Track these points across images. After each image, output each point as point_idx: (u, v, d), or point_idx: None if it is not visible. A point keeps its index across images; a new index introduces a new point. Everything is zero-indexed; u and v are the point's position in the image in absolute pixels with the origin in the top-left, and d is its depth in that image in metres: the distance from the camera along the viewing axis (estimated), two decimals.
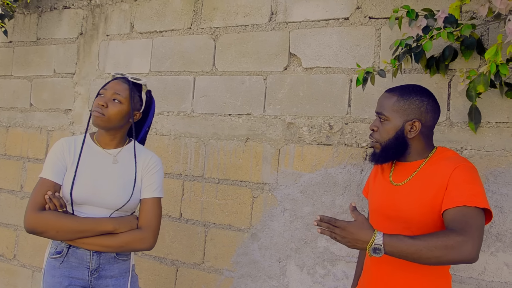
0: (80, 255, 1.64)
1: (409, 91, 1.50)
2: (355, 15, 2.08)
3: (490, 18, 1.74)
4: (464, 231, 1.24)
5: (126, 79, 1.73)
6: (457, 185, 1.35)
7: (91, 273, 1.64)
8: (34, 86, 3.03)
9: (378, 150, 1.53)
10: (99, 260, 1.65)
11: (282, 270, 2.15)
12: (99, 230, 1.59)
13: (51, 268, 1.64)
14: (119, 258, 1.70)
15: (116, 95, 1.66)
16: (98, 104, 1.64)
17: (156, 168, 1.75)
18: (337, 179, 2.06)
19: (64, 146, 1.68)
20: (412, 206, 1.44)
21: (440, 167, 1.43)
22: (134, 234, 1.63)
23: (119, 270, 1.69)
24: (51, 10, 3.00)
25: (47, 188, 1.60)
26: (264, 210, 2.22)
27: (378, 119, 1.53)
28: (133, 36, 2.68)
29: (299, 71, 2.19)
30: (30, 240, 2.93)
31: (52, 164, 1.65)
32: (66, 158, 1.66)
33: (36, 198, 1.59)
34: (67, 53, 2.91)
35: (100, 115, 1.64)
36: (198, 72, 2.45)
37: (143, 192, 1.71)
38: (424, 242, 1.23)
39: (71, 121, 2.85)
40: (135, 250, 1.67)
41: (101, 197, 1.64)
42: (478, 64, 1.81)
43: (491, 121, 1.80)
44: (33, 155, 2.98)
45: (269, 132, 2.24)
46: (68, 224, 1.57)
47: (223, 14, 2.41)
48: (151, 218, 1.66)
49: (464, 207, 1.31)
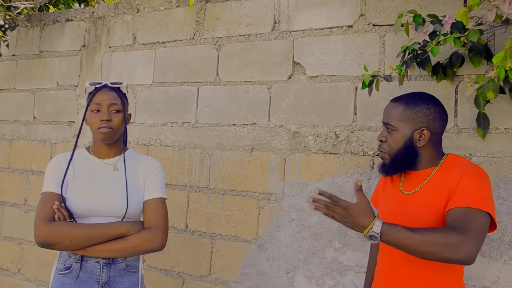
0: (90, 269, 1.61)
1: (415, 99, 1.47)
2: (359, 23, 2.07)
3: (497, 23, 1.72)
4: (464, 231, 1.22)
5: (109, 86, 1.71)
6: (463, 188, 1.34)
7: (101, 286, 1.62)
8: (37, 99, 3.02)
9: (388, 161, 1.50)
10: (109, 272, 1.63)
11: (290, 281, 2.12)
12: (112, 234, 1.57)
13: (59, 285, 1.61)
14: (129, 270, 1.68)
15: (113, 106, 1.66)
16: (103, 120, 1.63)
17: (157, 170, 1.74)
18: (344, 188, 2.04)
19: (61, 161, 1.68)
20: (424, 214, 1.41)
21: (450, 174, 1.40)
22: (143, 235, 1.60)
23: (129, 282, 1.67)
24: (54, 23, 3.00)
25: (52, 199, 1.58)
26: (270, 221, 2.19)
27: (385, 130, 1.51)
28: (136, 48, 2.67)
29: (303, 79, 2.17)
30: (35, 253, 2.91)
31: (53, 178, 1.63)
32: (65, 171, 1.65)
33: (43, 211, 1.56)
34: (70, 65, 2.91)
35: (109, 130, 1.64)
36: (202, 82, 2.44)
37: (147, 193, 1.69)
38: (422, 236, 1.21)
39: (74, 133, 2.84)
40: (146, 252, 1.63)
41: (106, 206, 1.63)
42: (484, 69, 1.79)
43: (500, 127, 1.77)
44: (37, 168, 2.96)
45: (274, 142, 2.22)
46: (81, 232, 1.54)
47: (226, 24, 2.40)
48: (158, 217, 1.65)
49: (467, 208, 1.29)
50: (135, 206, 1.67)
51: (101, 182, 1.67)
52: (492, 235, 1.75)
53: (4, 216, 3.06)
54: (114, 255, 1.60)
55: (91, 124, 1.66)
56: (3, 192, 3.08)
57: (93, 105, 1.65)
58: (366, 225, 1.25)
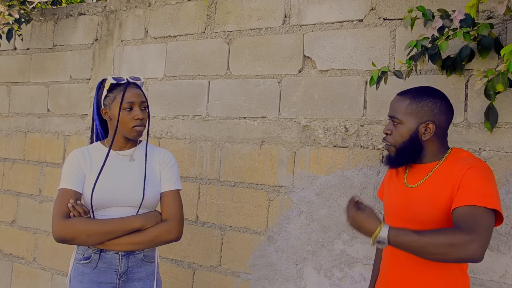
0: (109, 259, 1.65)
1: (421, 93, 1.49)
2: (370, 17, 2.07)
3: (508, 17, 1.72)
4: (471, 230, 1.22)
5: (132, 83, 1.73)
6: (468, 185, 1.34)
7: (120, 276, 1.67)
8: (51, 92, 3.07)
9: (393, 154, 1.52)
10: (128, 263, 1.68)
11: (299, 273, 2.15)
12: (128, 228, 1.62)
13: (78, 274, 1.66)
14: (146, 260, 1.73)
15: (143, 103, 1.72)
16: (138, 119, 1.68)
17: (172, 161, 1.81)
18: (353, 181, 2.06)
19: (78, 156, 1.71)
20: (427, 208, 1.43)
21: (454, 168, 1.41)
22: (161, 227, 1.66)
23: (146, 272, 1.72)
24: (67, 17, 3.04)
25: (68, 197, 1.62)
26: (280, 213, 2.22)
27: (391, 123, 1.53)
28: (148, 41, 2.70)
29: (313, 73, 2.19)
30: (50, 243, 2.98)
31: (70, 174, 1.67)
32: (82, 167, 1.69)
33: (60, 208, 1.60)
34: (83, 59, 2.95)
35: (143, 128, 1.71)
36: (213, 76, 2.47)
37: (163, 185, 1.75)
38: (430, 239, 1.22)
39: (87, 126, 2.88)
40: (164, 243, 1.69)
41: (124, 195, 1.67)
42: (496, 63, 1.79)
43: (510, 121, 1.77)
44: (51, 160, 3.02)
45: (284, 135, 2.24)
46: (97, 227, 1.59)
47: (236, 17, 2.42)
48: (175, 209, 1.71)
49: (473, 206, 1.29)
50: (151, 196, 1.71)
51: (118, 173, 1.71)
52: (500, 229, 1.76)
53: (19, 207, 3.13)
54: (134, 248, 1.65)
55: (123, 122, 1.69)
56: (18, 183, 3.15)
57: (126, 103, 1.68)
58: (372, 230, 1.28)
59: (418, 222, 1.45)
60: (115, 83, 1.70)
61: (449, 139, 1.77)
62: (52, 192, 2.99)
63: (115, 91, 1.70)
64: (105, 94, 1.73)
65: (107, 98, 1.72)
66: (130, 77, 1.73)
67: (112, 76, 1.72)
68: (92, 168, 1.70)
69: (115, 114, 1.69)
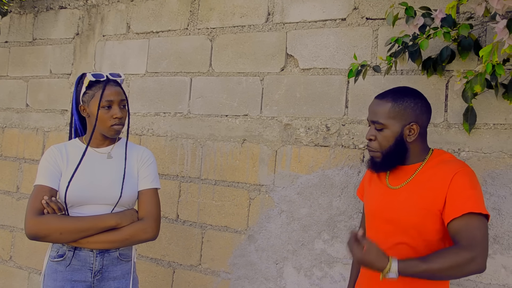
0: (83, 257, 1.63)
1: (401, 95, 1.47)
2: (352, 16, 2.07)
3: (487, 19, 1.73)
4: (472, 246, 1.28)
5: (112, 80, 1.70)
6: (459, 192, 1.35)
7: (94, 274, 1.64)
8: (30, 87, 3.01)
9: (379, 159, 1.50)
10: (103, 261, 1.65)
11: (279, 272, 2.14)
12: (102, 226, 1.59)
13: (52, 272, 1.63)
14: (122, 259, 1.70)
15: (123, 102, 1.69)
16: (116, 118, 1.66)
17: (150, 160, 1.78)
18: (334, 180, 2.05)
19: (55, 152, 1.69)
20: (410, 209, 1.43)
21: (439, 171, 1.41)
22: (137, 226, 1.64)
23: (121, 271, 1.69)
24: (47, 10, 2.98)
25: (43, 193, 1.59)
26: (261, 212, 2.21)
27: (373, 128, 1.49)
28: (130, 37, 2.66)
29: (296, 72, 2.18)
30: (27, 241, 2.92)
31: (45, 171, 1.65)
32: (59, 163, 1.67)
33: (33, 204, 1.57)
34: (63, 53, 2.89)
35: (121, 126, 1.68)
36: (195, 73, 2.44)
37: (141, 184, 1.73)
38: (437, 265, 1.26)
39: (67, 122, 2.83)
40: (140, 242, 1.66)
41: (100, 193, 1.65)
42: (475, 65, 1.80)
43: (489, 123, 1.79)
44: (29, 156, 2.96)
45: (266, 134, 2.23)
46: (70, 225, 1.56)
47: (219, 14, 2.39)
48: (152, 208, 1.69)
49: (468, 217, 1.32)
50: (129, 194, 1.69)
51: (95, 170, 1.68)
52: None
53: None
54: (108, 246, 1.62)
55: (102, 120, 1.66)
56: None
57: (104, 101, 1.64)
58: (383, 267, 1.28)
59: (400, 223, 1.45)
60: (94, 80, 1.67)
61: (429, 140, 1.78)
62: (31, 189, 2.93)
63: (94, 88, 1.67)
64: (83, 91, 1.70)
65: (85, 95, 1.69)
66: (110, 74, 1.69)
67: (91, 73, 1.69)
68: (69, 165, 1.67)
69: (94, 111, 1.66)
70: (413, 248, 1.42)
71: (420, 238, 1.41)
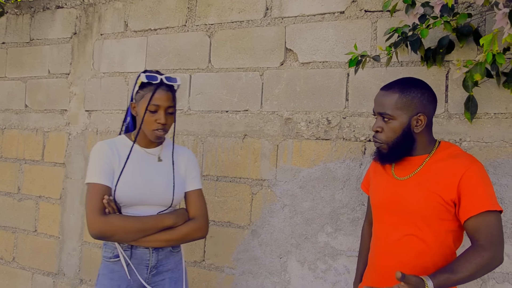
0: (140, 255, 1.66)
1: (408, 86, 1.46)
2: (351, 9, 2.07)
3: (487, 8, 1.73)
4: (492, 244, 1.33)
5: (165, 84, 1.68)
6: (474, 190, 1.36)
7: (150, 270, 1.68)
8: (28, 87, 3.00)
9: (386, 151, 1.48)
10: (158, 256, 1.69)
11: (283, 266, 2.15)
12: (161, 226, 1.64)
13: (109, 272, 1.66)
14: (173, 251, 1.76)
15: (170, 108, 1.67)
16: (159, 123, 1.64)
17: (195, 161, 1.84)
18: (336, 173, 2.06)
19: (106, 149, 1.67)
20: (417, 201, 1.42)
21: (449, 165, 1.41)
22: (191, 225, 1.69)
23: (174, 262, 1.75)
24: (44, 10, 2.97)
25: (101, 192, 1.59)
26: (263, 207, 2.21)
27: (380, 119, 1.47)
28: (128, 35, 2.66)
29: (295, 66, 2.18)
30: (29, 242, 2.92)
31: (99, 168, 1.63)
32: (111, 161, 1.66)
33: (94, 203, 1.58)
34: (61, 53, 2.88)
35: (164, 132, 1.68)
36: (194, 69, 2.44)
37: (189, 185, 1.77)
38: (467, 273, 1.30)
39: (67, 122, 2.83)
40: (192, 240, 1.73)
41: (154, 195, 1.68)
42: (475, 55, 1.80)
43: (490, 112, 1.79)
44: (29, 157, 2.96)
45: (267, 128, 2.23)
46: (134, 225, 1.60)
47: (217, 10, 2.39)
48: (201, 208, 1.75)
49: (485, 215, 1.34)
50: (179, 197, 1.74)
51: (147, 172, 1.70)
52: None
53: None
54: (165, 244, 1.68)
55: (146, 123, 1.66)
56: None
57: (152, 105, 1.63)
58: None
59: (407, 214, 1.44)
60: (146, 82, 1.65)
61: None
62: (32, 190, 2.93)
63: (146, 89, 1.66)
64: (136, 89, 1.70)
65: (137, 94, 1.69)
66: (166, 78, 1.67)
67: (146, 73, 1.66)
68: (121, 162, 1.67)
69: (141, 112, 1.66)
70: (421, 239, 1.42)
71: (428, 229, 1.41)
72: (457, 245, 1.47)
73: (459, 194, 1.38)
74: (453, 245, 1.44)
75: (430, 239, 1.42)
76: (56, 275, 2.82)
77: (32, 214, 2.93)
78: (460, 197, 1.38)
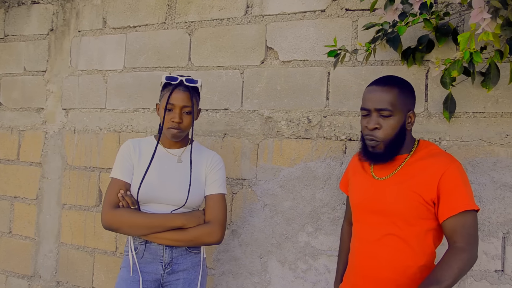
0: (154, 250, 1.71)
1: (404, 82, 1.46)
2: (332, 7, 2.06)
3: (465, 8, 1.74)
4: (469, 245, 1.34)
5: (184, 84, 1.73)
6: (453, 190, 1.36)
7: (165, 267, 1.71)
8: (3, 85, 2.92)
9: (382, 150, 1.44)
10: (172, 253, 1.72)
11: (263, 266, 2.13)
12: (169, 225, 1.67)
13: (127, 265, 1.72)
14: (191, 251, 1.76)
15: (186, 108, 1.71)
16: (174, 122, 1.70)
17: (220, 165, 1.83)
18: (316, 172, 2.05)
19: (130, 147, 1.77)
20: (397, 200, 1.41)
21: (428, 165, 1.41)
22: (202, 229, 1.70)
23: (191, 263, 1.76)
24: (19, 5, 2.89)
25: (119, 187, 1.70)
26: (244, 206, 2.19)
27: (377, 116, 1.42)
28: (106, 32, 2.60)
29: (276, 64, 2.16)
30: (3, 244, 2.84)
31: (120, 164, 1.74)
32: (132, 158, 1.75)
33: (110, 197, 1.69)
34: (38, 50, 2.81)
35: (178, 131, 1.71)
36: (174, 67, 2.40)
37: (208, 188, 1.78)
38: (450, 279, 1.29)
39: (43, 120, 2.76)
40: (204, 244, 1.74)
41: (168, 194, 1.71)
42: (453, 54, 1.81)
43: (468, 111, 1.80)
44: (4, 156, 2.87)
45: (247, 127, 2.20)
46: (139, 220, 1.66)
47: (198, 7, 2.36)
48: (218, 213, 1.74)
49: (462, 215, 1.35)
50: (195, 198, 1.74)
51: (165, 171, 1.74)
52: None
53: None
54: (174, 244, 1.70)
55: (165, 121, 1.72)
56: None
57: (169, 104, 1.70)
58: None
59: (388, 214, 1.43)
60: (166, 82, 1.73)
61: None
62: (6, 191, 2.85)
63: (166, 89, 1.74)
64: (160, 90, 1.79)
65: (160, 95, 1.78)
66: (186, 79, 1.73)
67: (166, 75, 1.73)
68: (141, 160, 1.75)
69: (161, 112, 1.74)
70: (402, 238, 1.41)
71: (408, 228, 1.41)
72: (436, 244, 1.47)
73: (439, 194, 1.38)
74: (433, 244, 1.44)
75: (411, 238, 1.41)
76: (32, 278, 2.74)
77: (7, 215, 2.85)
78: (439, 197, 1.38)
